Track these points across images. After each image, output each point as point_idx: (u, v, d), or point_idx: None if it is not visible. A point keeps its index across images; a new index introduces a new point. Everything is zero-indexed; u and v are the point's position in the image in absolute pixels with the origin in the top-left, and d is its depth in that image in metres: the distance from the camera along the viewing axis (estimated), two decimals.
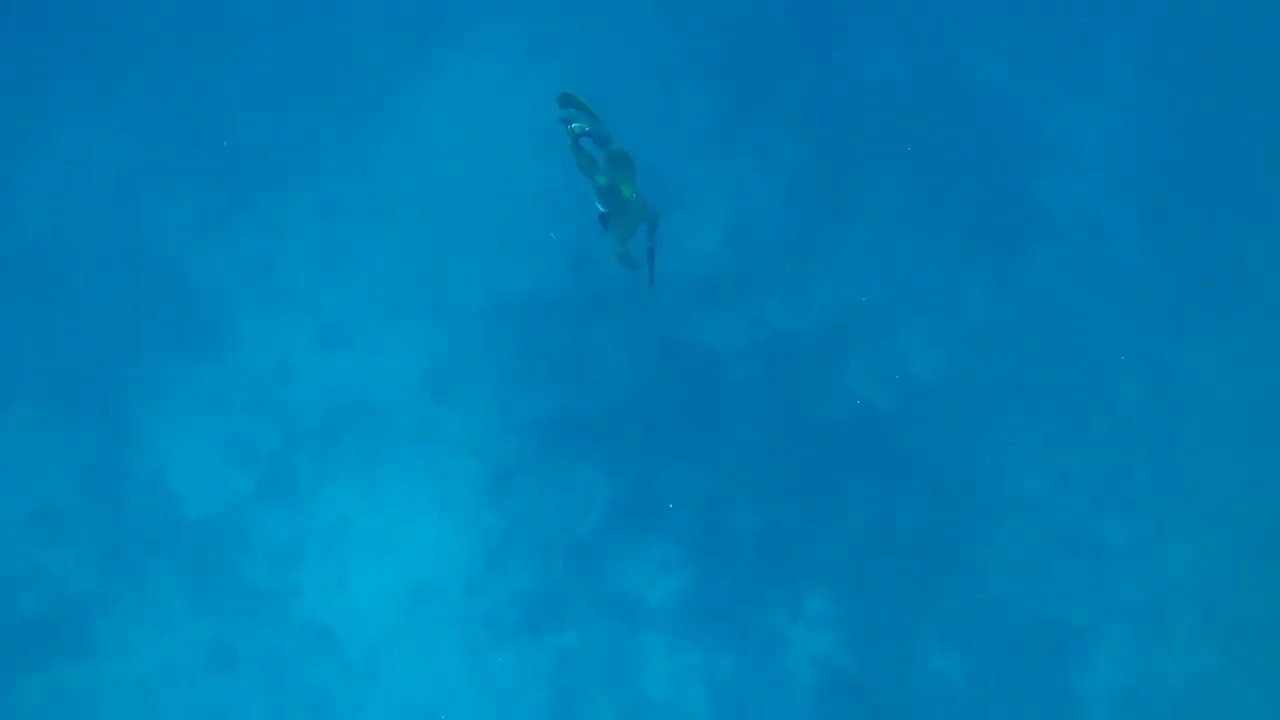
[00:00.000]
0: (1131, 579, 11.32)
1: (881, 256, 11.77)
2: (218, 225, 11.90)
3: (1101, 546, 11.35)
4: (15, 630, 11.16)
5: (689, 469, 11.25)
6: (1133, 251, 11.87)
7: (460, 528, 11.25)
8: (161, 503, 11.43)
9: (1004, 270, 11.79)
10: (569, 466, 11.32)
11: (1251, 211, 12.02)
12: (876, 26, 12.28)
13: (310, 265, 11.78)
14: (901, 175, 11.96)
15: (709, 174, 12.00)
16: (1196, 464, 11.56)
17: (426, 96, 12.13)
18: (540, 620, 11.05)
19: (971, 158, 12.02)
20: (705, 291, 11.64)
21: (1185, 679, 11.16)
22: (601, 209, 8.39)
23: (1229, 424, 11.60)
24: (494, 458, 11.35)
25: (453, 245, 11.73)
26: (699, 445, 11.31)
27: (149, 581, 11.28)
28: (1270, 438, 11.56)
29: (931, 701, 10.97)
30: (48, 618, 11.19)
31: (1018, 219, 11.88)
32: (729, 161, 12.02)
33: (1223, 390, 11.65)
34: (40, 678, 11.08)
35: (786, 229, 11.82)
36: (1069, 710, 11.05)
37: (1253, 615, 11.27)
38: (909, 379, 11.54)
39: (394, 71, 12.15)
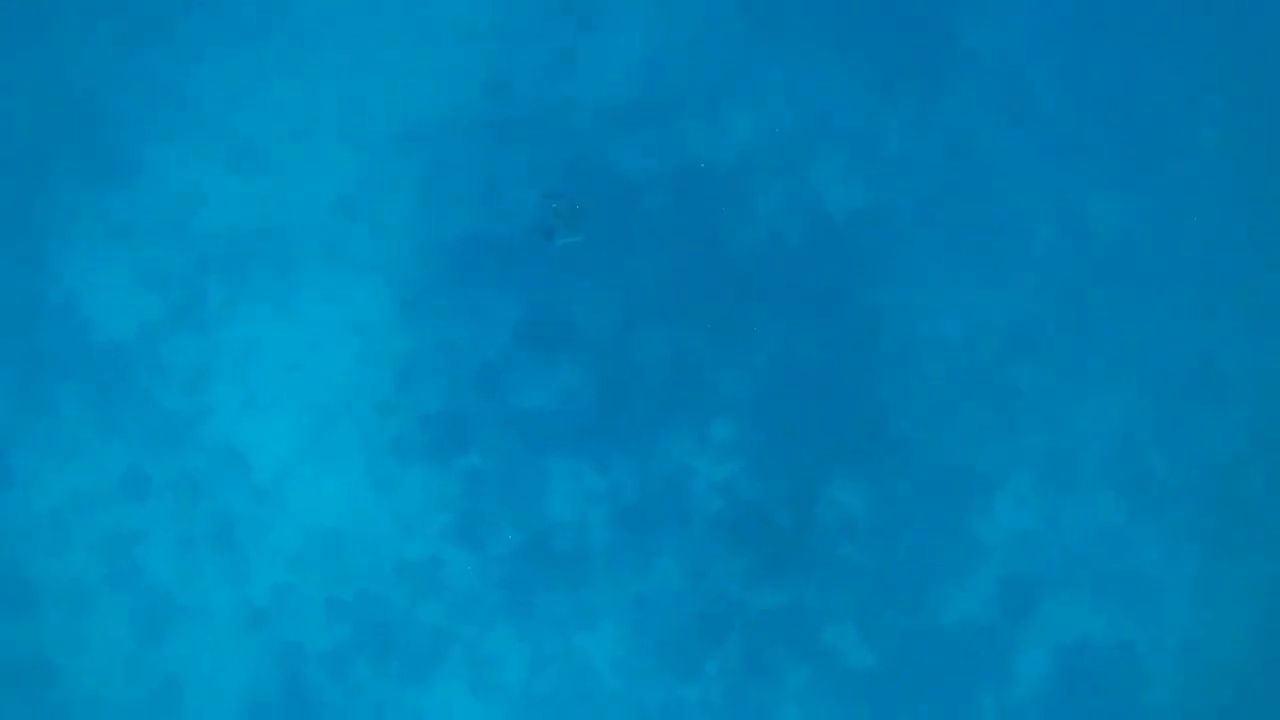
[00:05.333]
0: (1038, 427, 11.38)
1: (801, 87, 11.63)
2: (129, 51, 11.66)
3: (1010, 392, 11.38)
4: None
5: (598, 294, 11.21)
6: (1057, 98, 11.77)
7: (370, 349, 11.21)
8: (72, 330, 11.34)
9: (924, 107, 11.68)
10: (479, 289, 11.26)
11: (1177, 68, 11.93)
12: None
13: (222, 90, 11.58)
14: (825, 5, 11.78)
15: None
16: (1109, 316, 11.57)
17: None
18: (447, 442, 11.08)
19: None
20: (620, 117, 11.52)
21: (1087, 529, 11.28)
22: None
23: (1143, 278, 11.60)
24: (405, 280, 11.29)
25: (366, 70, 11.55)
26: (608, 270, 11.27)
27: (61, 410, 11.23)
28: (1182, 294, 11.59)
29: (833, 535, 11.07)
30: None
31: (941, 56, 11.74)
32: None
33: (1139, 244, 11.63)
34: None
35: (705, 56, 11.66)
36: (968, 551, 11.16)
37: (1157, 470, 11.38)
38: (822, 211, 11.48)
39: None
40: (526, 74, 11.53)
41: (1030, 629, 11.12)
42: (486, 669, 10.84)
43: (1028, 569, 11.18)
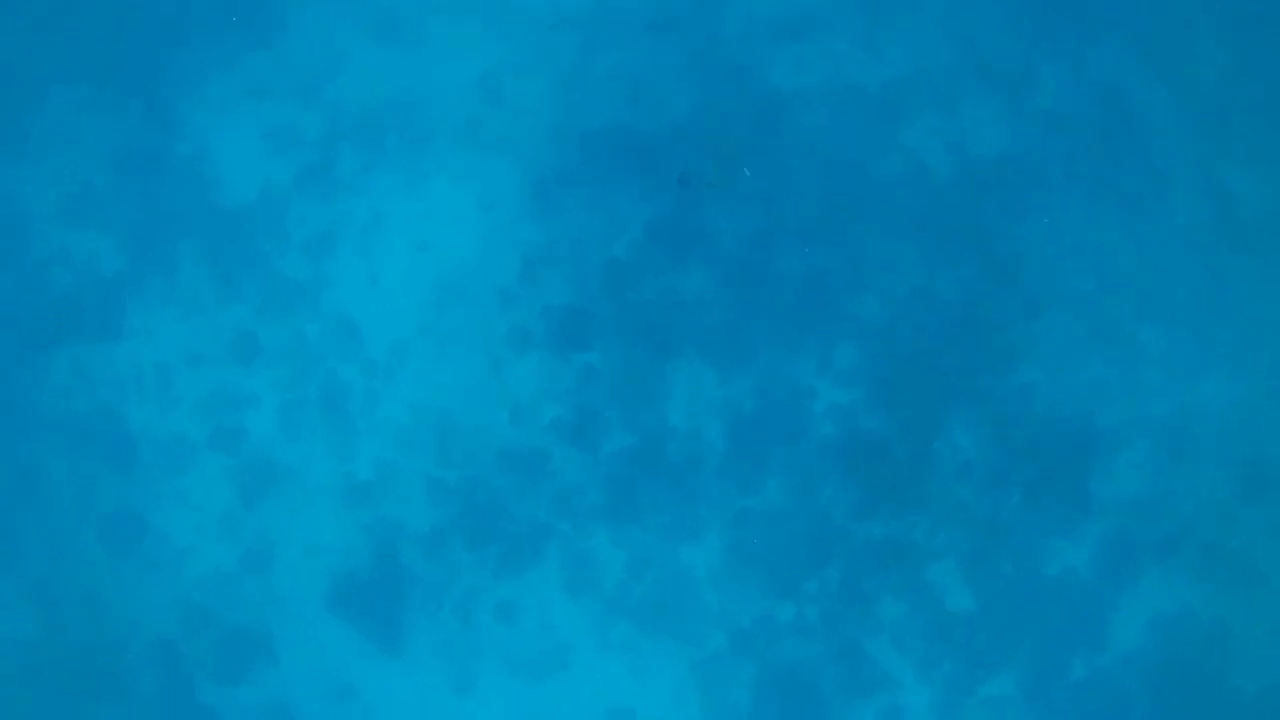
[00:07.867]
0: (1161, 392, 11.14)
1: (960, 20, 11.38)
2: None
3: (1137, 353, 11.15)
4: (44, 309, 11.12)
5: (736, 203, 11.03)
6: (1216, 66, 11.48)
7: (497, 234, 11.07)
8: (198, 188, 11.27)
9: (1081, 57, 11.40)
10: (615, 184, 11.09)
11: None
12: None
13: None
14: None
15: None
16: (1243, 289, 11.30)
17: None
18: (567, 336, 10.95)
19: None
20: (775, 28, 11.31)
21: (1198, 502, 11.05)
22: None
23: None
24: (539, 168, 11.13)
25: None
26: (750, 180, 11.08)
27: (179, 267, 11.17)
28: None
29: (947, 475, 10.89)
30: (76, 298, 11.14)
31: (1103, 7, 11.45)
32: None
33: None
34: (65, 356, 11.07)
35: None
36: (1079, 507, 10.96)
37: (1276, 451, 11.13)
38: (968, 149, 11.24)
39: None
40: None
41: (1129, 594, 10.91)
42: (583, 567, 10.74)
43: (1135, 533, 10.97)
